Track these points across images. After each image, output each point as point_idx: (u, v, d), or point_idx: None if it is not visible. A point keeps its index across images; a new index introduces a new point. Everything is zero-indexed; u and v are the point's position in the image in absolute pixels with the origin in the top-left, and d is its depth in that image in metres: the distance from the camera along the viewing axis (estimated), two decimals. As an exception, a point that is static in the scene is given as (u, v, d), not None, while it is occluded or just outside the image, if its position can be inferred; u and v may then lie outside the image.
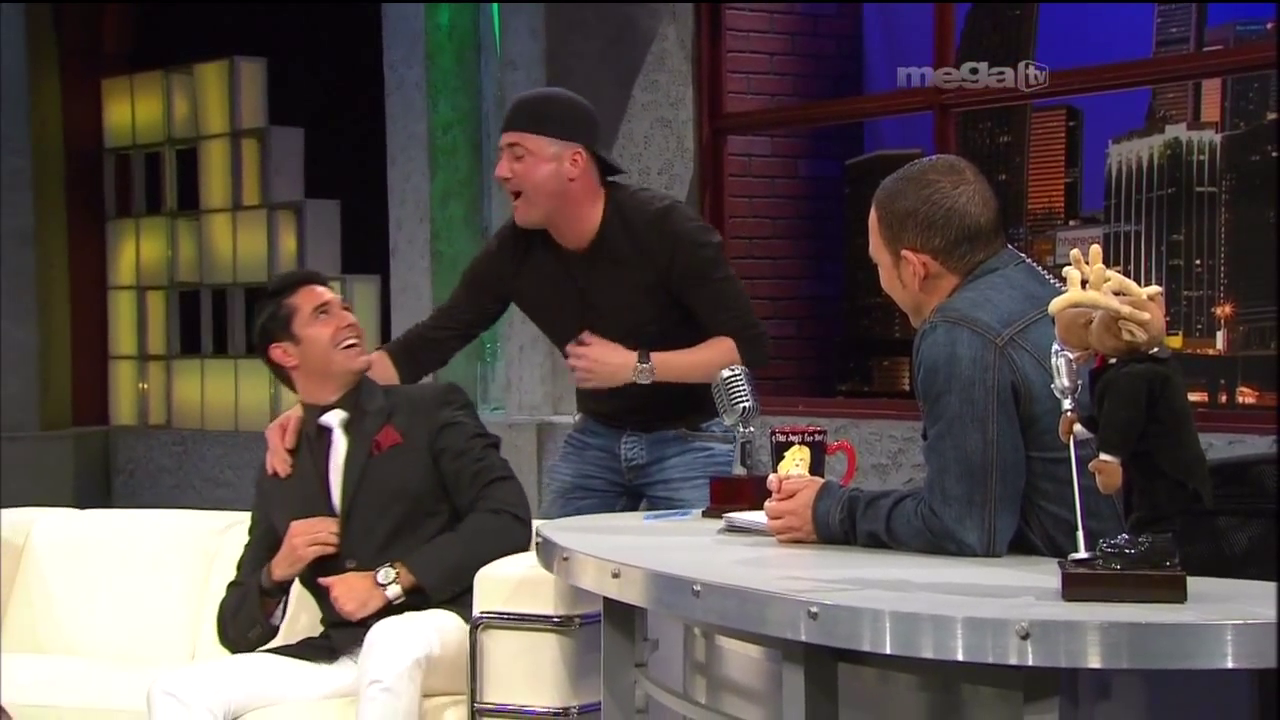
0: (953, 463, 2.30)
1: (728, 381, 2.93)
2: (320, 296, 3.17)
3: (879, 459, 5.23)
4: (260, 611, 3.14)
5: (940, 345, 2.34)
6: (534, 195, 3.17)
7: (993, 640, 1.85)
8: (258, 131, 7.48)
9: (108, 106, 8.04)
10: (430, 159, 5.93)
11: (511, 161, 3.17)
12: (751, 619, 2.08)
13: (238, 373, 7.56)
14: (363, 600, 3.04)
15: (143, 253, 7.98)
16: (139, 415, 8.00)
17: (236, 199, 7.56)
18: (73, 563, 3.65)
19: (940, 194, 2.42)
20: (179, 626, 3.51)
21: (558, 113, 3.18)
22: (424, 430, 3.12)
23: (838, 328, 6.67)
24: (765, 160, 6.31)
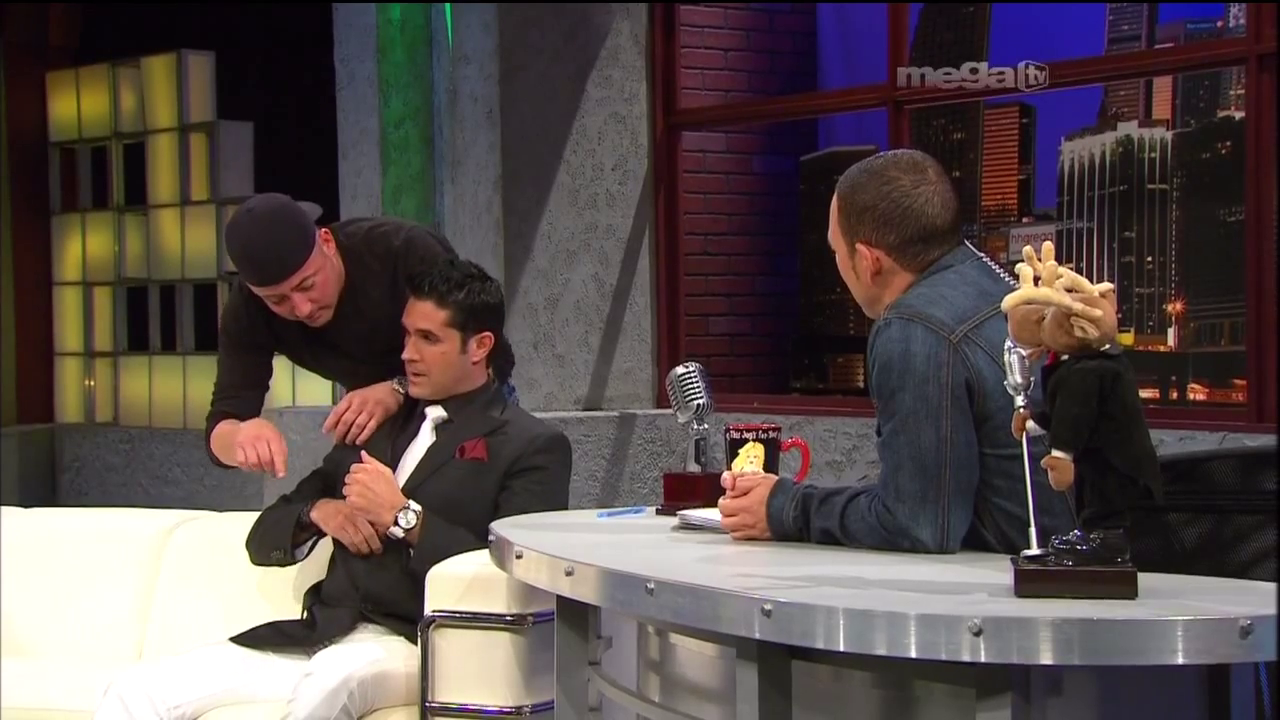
0: (906, 459, 2.31)
1: (682, 379, 2.94)
2: (407, 315, 3.15)
3: (833, 456, 5.25)
4: (289, 539, 3.17)
5: (894, 341, 2.34)
6: (331, 300, 3.23)
7: (946, 637, 1.86)
8: (206, 126, 7.43)
9: (53, 100, 7.96)
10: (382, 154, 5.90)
11: (306, 296, 3.17)
12: (705, 617, 2.08)
13: (186, 370, 7.51)
14: (371, 509, 3.06)
15: (89, 248, 7.91)
16: (85, 412, 7.93)
17: (185, 194, 7.50)
18: (17, 562, 3.61)
19: (899, 192, 2.43)
20: (126, 627, 3.48)
21: (298, 227, 3.16)
22: (511, 459, 3.14)
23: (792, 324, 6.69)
24: (720, 156, 6.32)
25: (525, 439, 3.16)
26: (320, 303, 3.20)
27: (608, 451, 5.67)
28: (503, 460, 3.14)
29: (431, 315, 3.14)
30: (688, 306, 6.04)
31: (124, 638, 3.47)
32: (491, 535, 2.68)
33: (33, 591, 3.58)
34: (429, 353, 3.15)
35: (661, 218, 5.94)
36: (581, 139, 5.84)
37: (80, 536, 3.63)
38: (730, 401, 5.56)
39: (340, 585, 3.13)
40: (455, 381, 3.19)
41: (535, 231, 5.76)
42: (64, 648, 3.50)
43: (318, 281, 3.17)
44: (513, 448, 3.15)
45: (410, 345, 3.16)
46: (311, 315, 3.20)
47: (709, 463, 2.93)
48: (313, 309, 3.19)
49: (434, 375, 3.16)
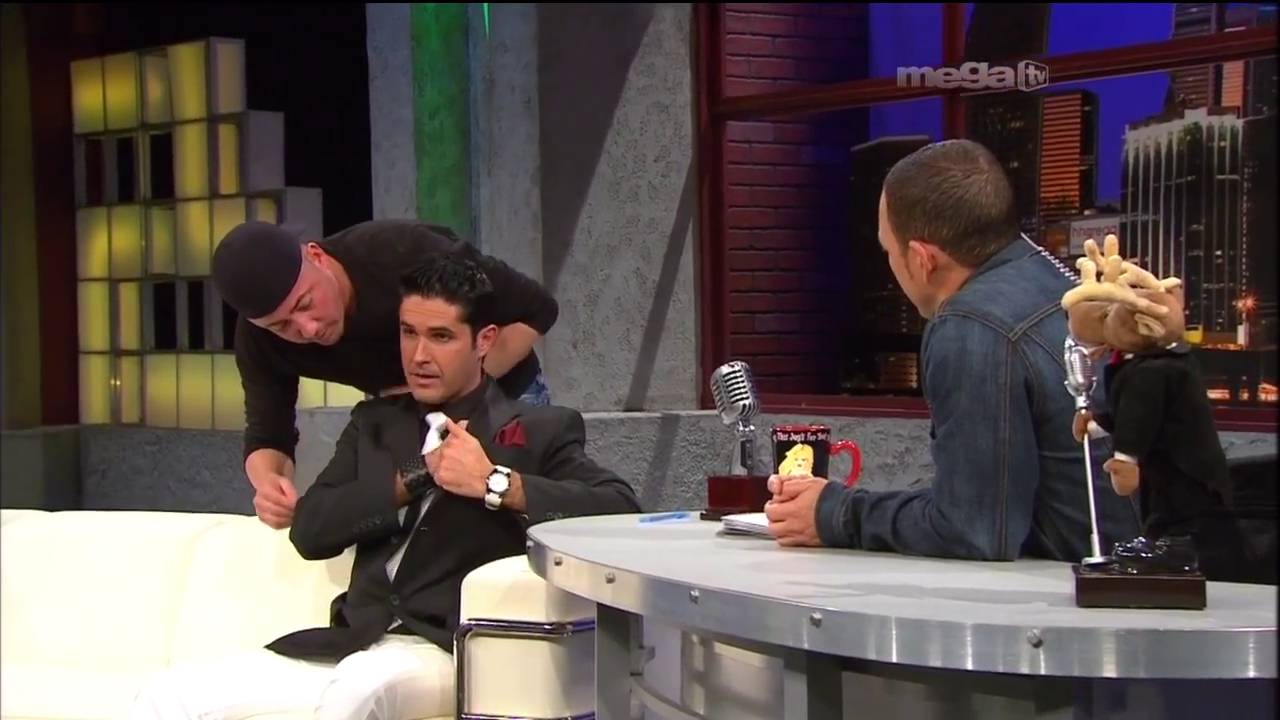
0: (962, 463, 2.30)
1: (727, 378, 2.94)
2: (410, 314, 3.14)
3: (885, 459, 5.24)
4: (393, 503, 3.13)
5: (950, 340, 2.34)
6: (336, 314, 3.23)
7: (1004, 648, 1.86)
8: (235, 116, 7.47)
9: (78, 90, 8.02)
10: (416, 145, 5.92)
11: (308, 314, 3.18)
12: (752, 626, 2.09)
13: (214, 369, 7.56)
14: (461, 483, 3.07)
15: (115, 243, 7.98)
16: (111, 413, 7.99)
17: (213, 187, 7.55)
18: (42, 568, 3.65)
19: (950, 183, 2.42)
20: (154, 633, 3.51)
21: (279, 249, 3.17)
22: (545, 444, 3.16)
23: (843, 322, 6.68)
24: (766, 147, 6.31)
25: (545, 425, 3.18)
26: (325, 319, 3.20)
27: (650, 454, 5.67)
28: (539, 443, 3.16)
29: (444, 312, 3.14)
30: (733, 303, 6.04)
31: (152, 644, 3.50)
32: (530, 541, 2.69)
33: (59, 598, 3.61)
34: (442, 352, 3.15)
35: (706, 211, 5.94)
36: (623, 129, 5.84)
37: (107, 541, 3.66)
38: (777, 402, 5.55)
39: (369, 592, 3.14)
40: (465, 380, 3.20)
41: (574, 225, 5.77)
42: (91, 654, 3.54)
43: (315, 298, 3.17)
44: (542, 433, 3.16)
45: (419, 346, 3.14)
46: (320, 334, 3.21)
47: (755, 466, 2.93)
48: (319, 327, 3.19)
49: (447, 375, 3.16)
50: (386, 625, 3.09)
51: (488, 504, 3.06)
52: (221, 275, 3.18)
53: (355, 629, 3.10)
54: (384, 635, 3.09)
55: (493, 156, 5.81)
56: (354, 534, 3.18)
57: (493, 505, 3.06)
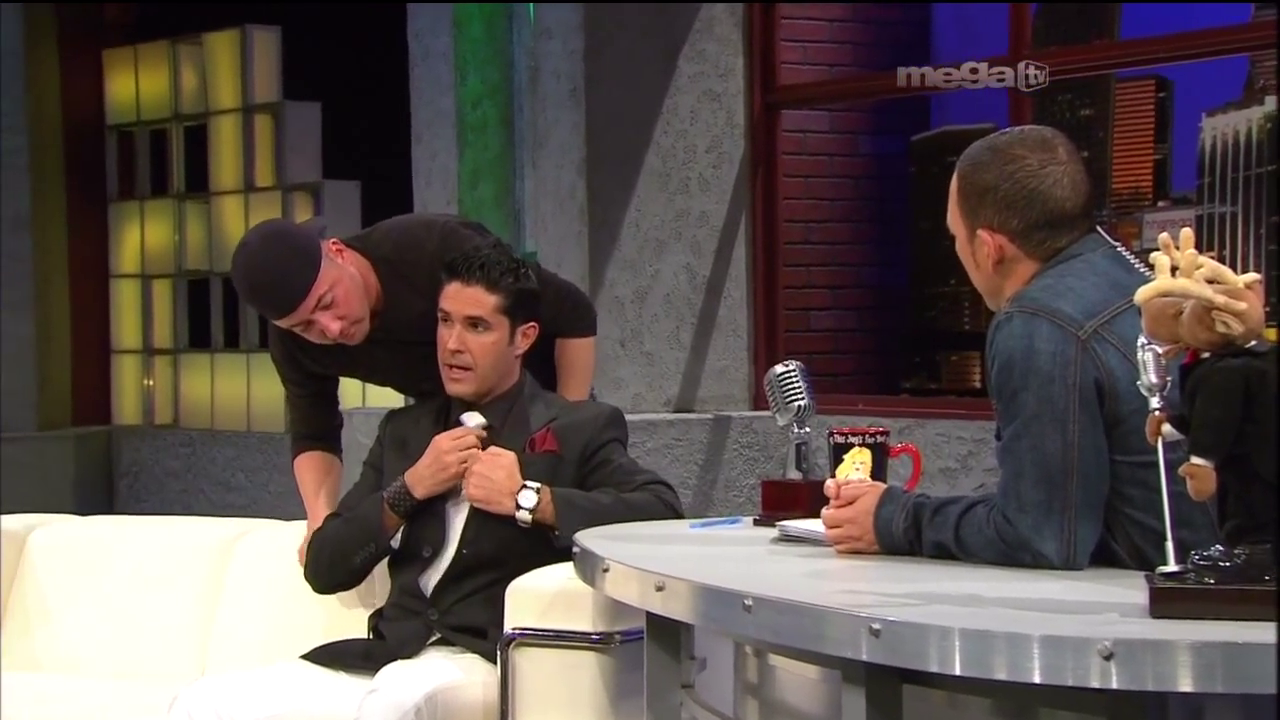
0: (1029, 466, 2.29)
1: (781, 378, 2.94)
2: (449, 301, 3.15)
3: (947, 462, 5.22)
4: (380, 527, 3.15)
5: (1016, 338, 2.33)
6: (360, 311, 3.24)
7: (1073, 661, 1.85)
8: (272, 106, 7.52)
9: (109, 80, 8.09)
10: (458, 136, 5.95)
11: (331, 313, 3.19)
12: (808, 636, 2.08)
13: (250, 368, 7.61)
14: (491, 499, 3.07)
15: (148, 238, 8.04)
16: (144, 414, 8.06)
17: (249, 180, 7.60)
18: (73, 573, 3.69)
19: (1025, 172, 2.41)
20: (189, 641, 3.54)
21: (296, 248, 3.19)
22: (581, 445, 3.16)
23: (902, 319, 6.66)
24: (822, 137, 6.30)
25: (583, 425, 3.17)
26: (349, 317, 3.20)
27: (700, 457, 5.67)
28: (574, 450, 3.15)
29: (482, 301, 3.13)
30: (787, 300, 6.03)
31: (186, 653, 3.53)
32: (576, 547, 2.70)
33: (89, 605, 3.65)
34: (477, 343, 3.14)
35: (759, 204, 5.93)
36: (672, 119, 5.84)
37: (139, 546, 3.70)
38: (834, 403, 5.53)
39: (405, 605, 3.15)
40: (500, 377, 3.19)
41: (622, 219, 5.77)
42: (124, 663, 3.57)
43: (338, 296, 3.17)
44: (578, 435, 3.16)
45: (454, 335, 3.13)
46: (345, 333, 3.20)
47: (811, 469, 2.93)
48: (344, 325, 3.19)
49: (481, 368, 3.15)
50: (425, 639, 3.10)
51: (519, 521, 3.05)
52: (239, 277, 3.20)
53: (394, 642, 3.11)
54: (425, 646, 3.10)
55: (537, 148, 5.82)
56: (356, 565, 3.19)
57: (524, 523, 3.05)
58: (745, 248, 5.93)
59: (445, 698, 2.94)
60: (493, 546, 3.09)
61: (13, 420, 7.72)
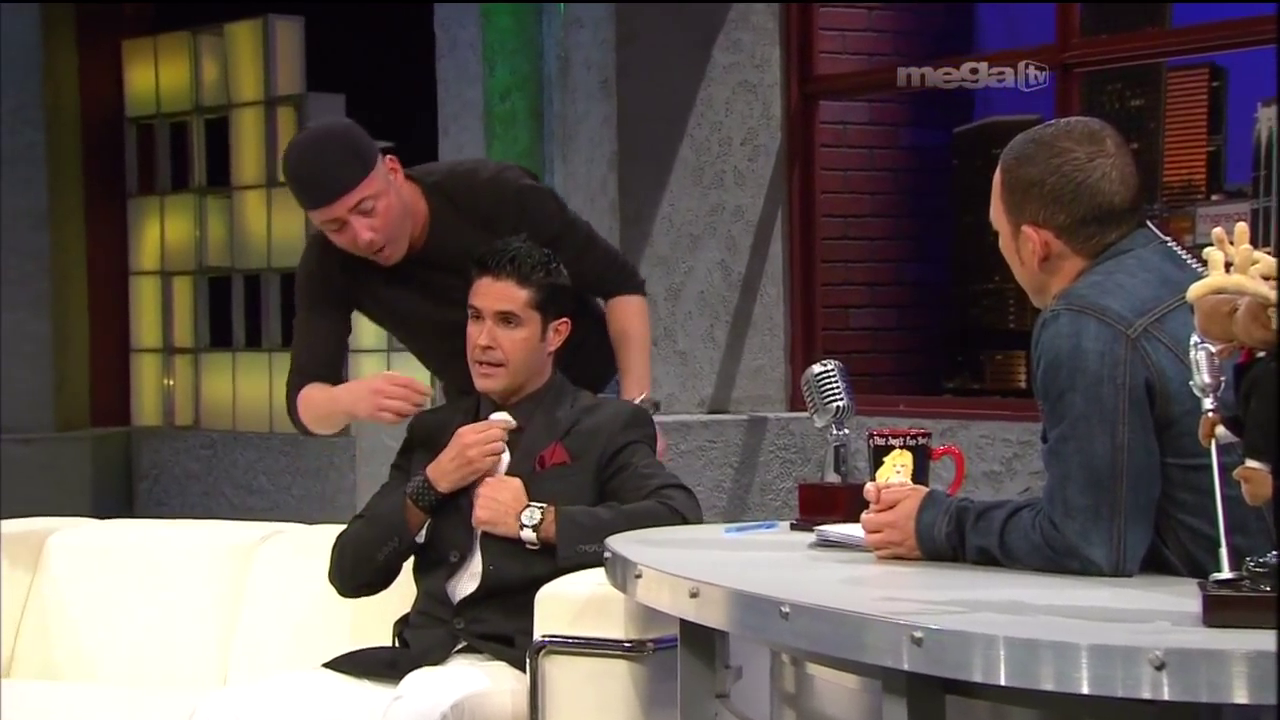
0: (1077, 470, 2.28)
1: (819, 378, 2.94)
2: (479, 295, 3.16)
3: (991, 465, 5.20)
4: (405, 523, 3.15)
5: (1063, 336, 2.32)
6: (397, 232, 3.27)
7: (1123, 671, 1.84)
8: (295, 98, 7.55)
9: (129, 71, 8.14)
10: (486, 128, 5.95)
11: (367, 222, 3.21)
12: (847, 645, 2.08)
13: (272, 368, 7.63)
14: (497, 521, 3.08)
15: (168, 234, 8.08)
16: (164, 415, 8.10)
17: (271, 174, 7.63)
18: (91, 578, 3.71)
19: (1072, 165, 2.41)
20: (210, 648, 3.56)
21: (352, 145, 3.23)
22: (599, 450, 3.16)
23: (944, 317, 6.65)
24: (862, 129, 6.29)
25: (604, 426, 3.17)
26: (383, 231, 3.24)
27: (735, 459, 5.67)
28: (591, 456, 3.15)
29: (513, 295, 3.15)
30: (825, 297, 6.02)
31: (207, 660, 3.54)
32: (607, 552, 2.70)
33: (107, 611, 3.67)
34: (508, 339, 3.15)
35: (796, 198, 5.93)
36: (706, 110, 5.84)
37: (159, 551, 3.71)
38: (873, 404, 5.52)
39: (431, 613, 3.16)
40: (531, 374, 3.20)
41: (655, 214, 5.77)
42: (142, 671, 3.59)
43: (378, 207, 3.21)
44: (596, 439, 3.16)
45: (484, 331, 3.14)
46: (373, 245, 3.24)
47: (850, 472, 2.93)
48: (374, 237, 3.23)
49: (512, 365, 3.16)
50: (451, 646, 3.11)
51: (525, 542, 3.06)
52: (291, 155, 3.28)
53: (418, 650, 3.12)
54: (451, 653, 3.11)
55: (567, 140, 5.83)
56: (380, 563, 3.19)
57: (530, 543, 3.06)
58: (782, 244, 5.92)
59: (472, 706, 2.94)
60: (515, 560, 3.10)
61: (30, 421, 7.76)
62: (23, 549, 3.75)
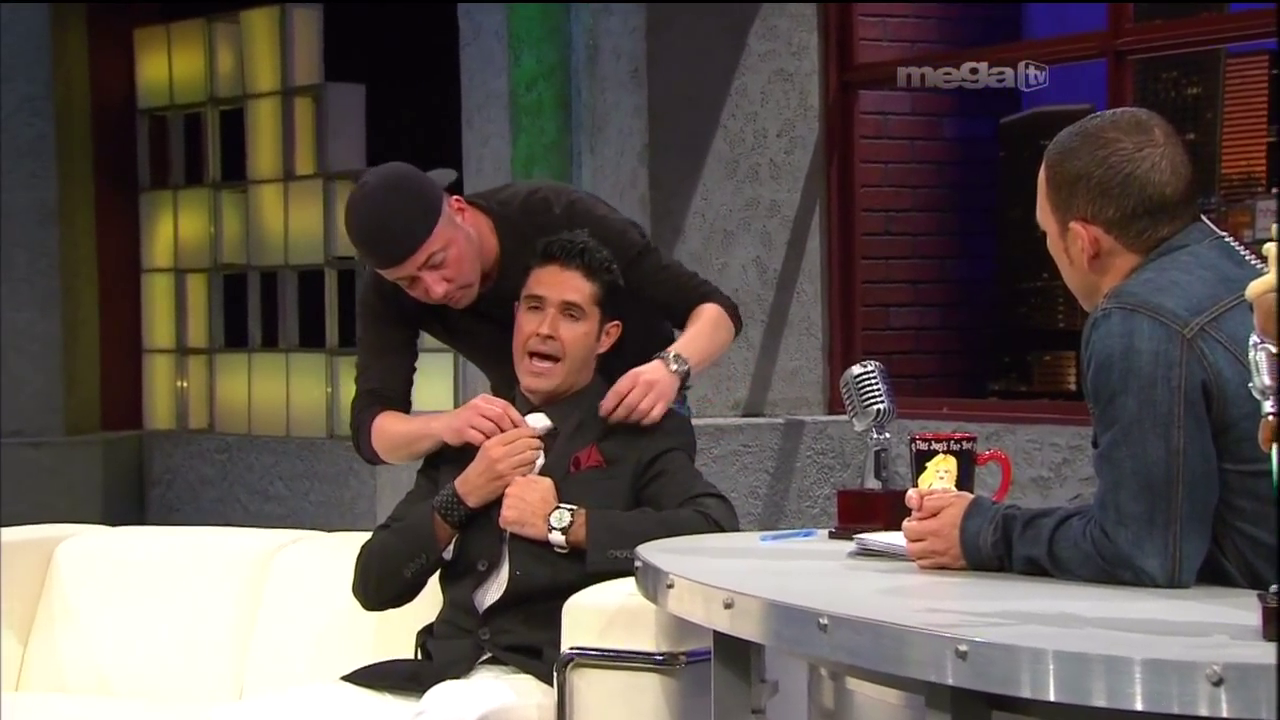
0: (1129, 476, 2.28)
1: (859, 380, 2.94)
2: (543, 285, 3.17)
3: (1039, 471, 5.19)
4: (434, 538, 3.15)
5: (1115, 336, 2.32)
6: (471, 277, 3.25)
7: (1179, 687, 1.83)
8: (313, 89, 7.58)
9: (141, 61, 8.18)
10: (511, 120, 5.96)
11: (439, 274, 3.20)
12: (889, 658, 2.08)
13: (289, 369, 7.67)
14: (525, 521, 3.07)
15: (181, 230, 8.12)
16: (177, 418, 8.14)
17: (289, 168, 7.66)
18: (102, 587, 3.72)
19: (1120, 156, 2.40)
20: (224, 662, 3.57)
21: (417, 196, 3.20)
22: (636, 456, 3.17)
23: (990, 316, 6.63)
24: (904, 119, 6.28)
25: (645, 430, 3.17)
26: (457, 281, 3.21)
27: (771, 465, 5.67)
28: (628, 461, 3.16)
29: (580, 287, 3.16)
30: (865, 296, 6.01)
31: (222, 673, 3.56)
32: (638, 561, 2.70)
33: (120, 621, 3.68)
34: (569, 332, 3.16)
35: (834, 192, 5.92)
36: (741, 100, 5.84)
37: (172, 559, 3.73)
38: (916, 406, 5.52)
39: (456, 623, 3.16)
40: (580, 375, 3.21)
41: (687, 209, 5.78)
42: (155, 684, 3.60)
43: (449, 257, 3.19)
44: (635, 442, 3.16)
45: (546, 320, 3.15)
46: (449, 296, 3.22)
47: (891, 478, 2.92)
48: (449, 289, 3.21)
49: (569, 360, 3.17)
50: (476, 658, 3.11)
51: (553, 545, 3.06)
52: (353, 218, 3.22)
53: (441, 662, 3.12)
54: (475, 665, 3.12)
55: (596, 132, 5.83)
56: (407, 579, 3.19)
57: (559, 546, 3.06)
58: (819, 239, 5.92)
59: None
60: (544, 565, 3.10)
61: (38, 424, 7.80)
62: (31, 557, 3.77)
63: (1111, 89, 5.22)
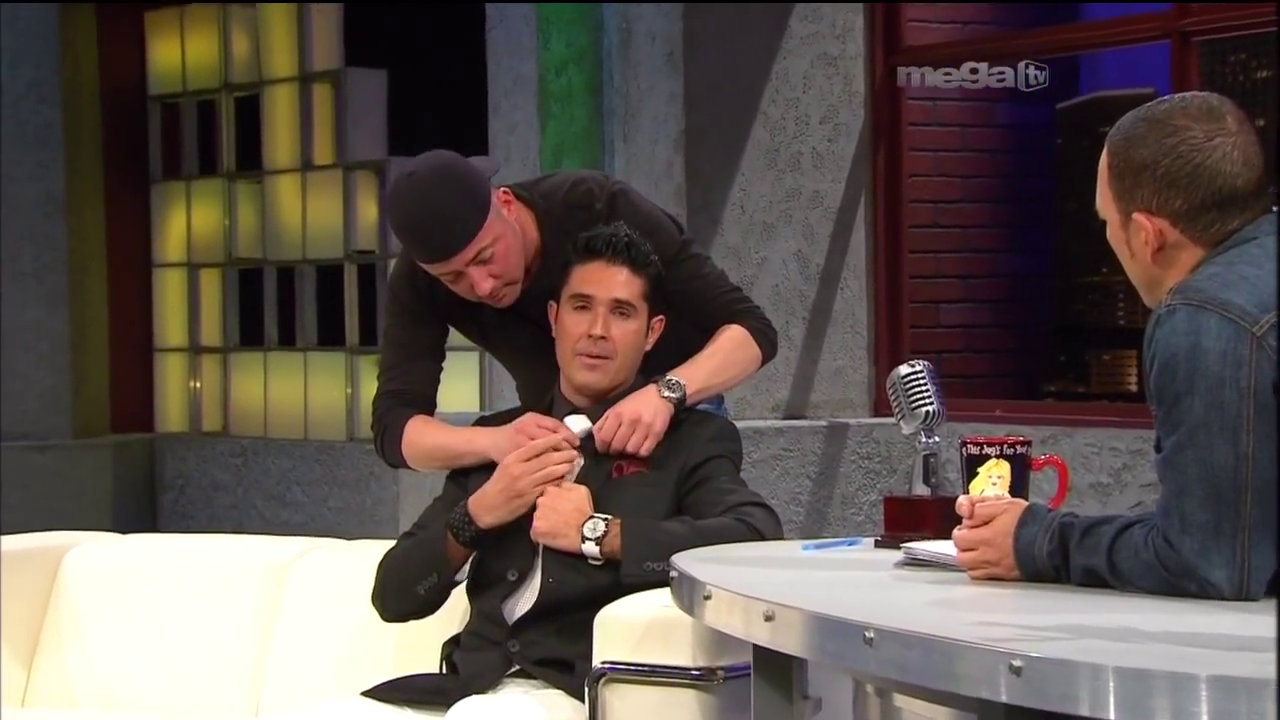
0: (1195, 482, 2.27)
1: (907, 380, 2.93)
2: (590, 283, 3.17)
3: (1098, 477, 5.17)
4: (445, 557, 3.15)
5: (1180, 334, 2.31)
6: (516, 273, 3.25)
7: (1247, 705, 1.83)
8: (332, 75, 7.60)
9: (152, 45, 8.21)
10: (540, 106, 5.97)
11: (486, 270, 3.19)
12: (938, 674, 2.08)
13: (308, 368, 7.69)
14: (557, 533, 3.07)
15: (194, 222, 8.16)
16: (190, 420, 8.17)
17: (307, 157, 7.69)
18: (112, 598, 3.74)
19: (1188, 145, 2.39)
20: (240, 676, 3.58)
21: (466, 188, 3.20)
22: (680, 462, 3.17)
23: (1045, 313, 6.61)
24: (955, 105, 6.26)
25: (690, 436, 3.18)
26: (504, 277, 3.21)
27: (814, 470, 5.66)
28: (673, 467, 3.16)
29: (628, 283, 3.17)
30: (913, 291, 6.01)
31: (238, 688, 3.57)
32: (673, 571, 2.70)
33: (131, 634, 3.69)
34: (621, 330, 3.17)
35: (880, 182, 5.91)
36: (782, 85, 5.84)
37: (185, 568, 3.74)
38: (967, 408, 5.51)
39: (484, 634, 3.17)
40: (629, 374, 3.22)
41: (725, 200, 5.78)
42: (168, 700, 3.61)
43: (497, 252, 3.18)
44: (680, 448, 3.17)
45: (598, 320, 3.15)
46: (495, 294, 3.22)
47: (940, 484, 2.92)
48: (495, 285, 3.21)
49: (621, 359, 3.18)
50: (503, 672, 3.11)
51: (587, 556, 3.06)
52: (397, 210, 3.21)
53: (467, 676, 3.13)
54: (503, 679, 3.12)
55: (629, 119, 5.84)
56: (422, 597, 3.20)
57: (593, 557, 3.05)
58: (865, 232, 5.91)
59: None
60: (577, 573, 3.10)
61: (45, 426, 7.85)
62: (38, 566, 3.79)
63: (1176, 72, 5.20)
